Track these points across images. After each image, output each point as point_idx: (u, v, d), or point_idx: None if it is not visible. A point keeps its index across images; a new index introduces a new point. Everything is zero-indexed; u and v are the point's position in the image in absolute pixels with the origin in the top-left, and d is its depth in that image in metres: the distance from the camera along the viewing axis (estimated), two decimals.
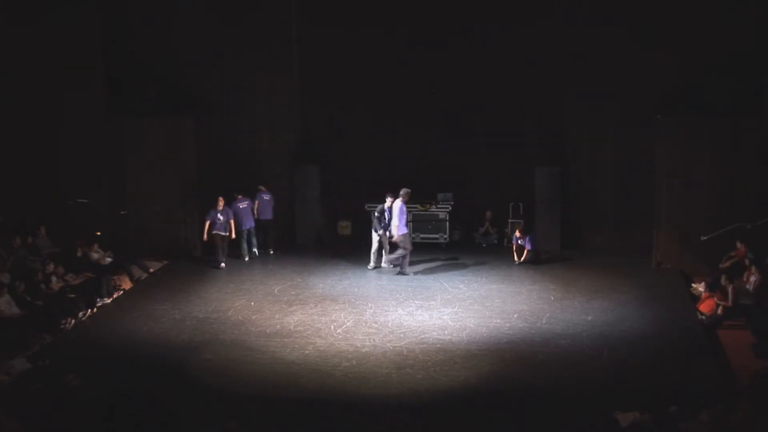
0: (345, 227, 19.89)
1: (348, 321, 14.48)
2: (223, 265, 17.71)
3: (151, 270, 17.53)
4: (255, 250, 18.60)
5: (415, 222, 19.12)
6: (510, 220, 19.32)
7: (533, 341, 13.50)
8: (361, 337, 13.69)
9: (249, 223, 18.40)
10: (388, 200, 17.17)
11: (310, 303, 15.47)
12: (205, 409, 11.19)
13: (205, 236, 17.88)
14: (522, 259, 17.78)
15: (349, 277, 17.10)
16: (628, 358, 12.79)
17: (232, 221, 17.84)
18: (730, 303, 14.03)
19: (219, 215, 17.63)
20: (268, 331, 14.10)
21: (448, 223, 19.28)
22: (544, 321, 14.37)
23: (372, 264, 17.56)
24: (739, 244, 15.86)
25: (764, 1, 16.86)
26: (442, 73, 19.11)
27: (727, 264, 15.70)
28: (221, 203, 17.68)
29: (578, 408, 11.12)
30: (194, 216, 18.55)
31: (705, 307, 14.61)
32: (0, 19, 17.60)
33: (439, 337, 13.72)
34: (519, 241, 17.88)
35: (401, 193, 17.16)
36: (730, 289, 14.09)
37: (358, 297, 15.79)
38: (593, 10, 17.99)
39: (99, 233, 17.74)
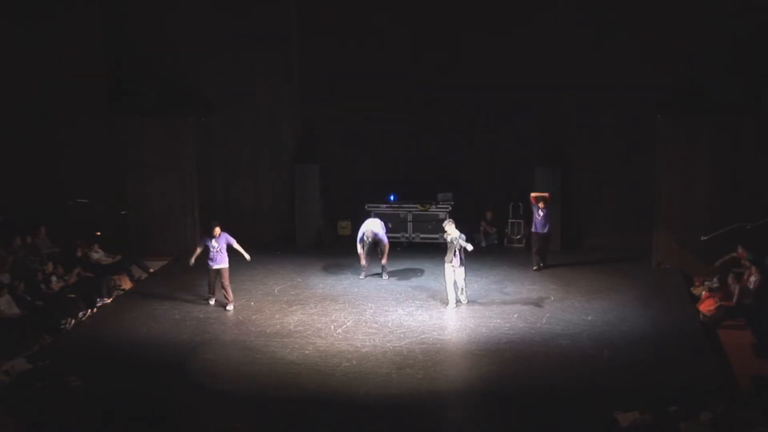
0: (345, 227, 19.87)
1: (348, 321, 14.48)
2: (211, 301, 15.42)
3: (151, 270, 17.51)
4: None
5: (415, 222, 19.27)
6: (510, 220, 19.38)
7: (533, 341, 13.49)
8: (361, 337, 13.69)
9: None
10: (451, 225, 15.26)
11: (310, 303, 15.46)
12: (205, 409, 11.20)
13: (192, 260, 15.30)
14: (544, 257, 17.29)
15: (349, 277, 17.09)
16: (628, 358, 12.80)
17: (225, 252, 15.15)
18: (734, 302, 14.02)
19: (213, 241, 14.99)
20: (268, 331, 14.10)
21: None
22: (544, 321, 14.37)
23: (453, 302, 15.24)
24: (740, 249, 15.78)
25: (764, 2, 16.87)
26: (443, 72, 19.09)
27: (722, 261, 15.57)
28: (217, 231, 15.02)
29: (578, 408, 11.11)
30: (194, 216, 18.52)
31: (705, 307, 14.61)
32: (1, 19, 17.58)
33: (439, 337, 13.73)
34: (541, 212, 16.97)
35: None
36: (736, 289, 14.08)
37: (358, 297, 15.78)
38: (593, 10, 18.00)
39: (99, 233, 17.73)
